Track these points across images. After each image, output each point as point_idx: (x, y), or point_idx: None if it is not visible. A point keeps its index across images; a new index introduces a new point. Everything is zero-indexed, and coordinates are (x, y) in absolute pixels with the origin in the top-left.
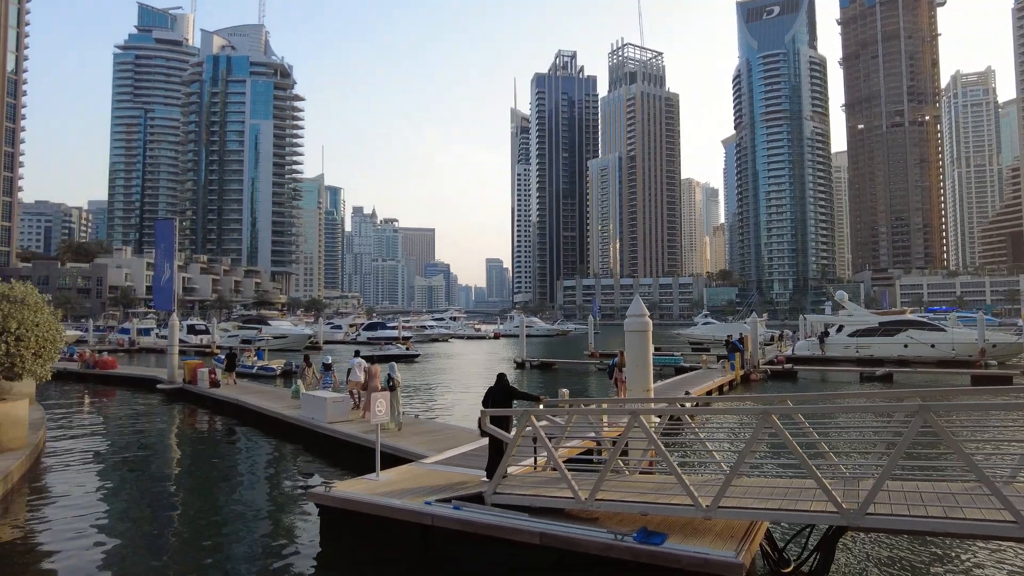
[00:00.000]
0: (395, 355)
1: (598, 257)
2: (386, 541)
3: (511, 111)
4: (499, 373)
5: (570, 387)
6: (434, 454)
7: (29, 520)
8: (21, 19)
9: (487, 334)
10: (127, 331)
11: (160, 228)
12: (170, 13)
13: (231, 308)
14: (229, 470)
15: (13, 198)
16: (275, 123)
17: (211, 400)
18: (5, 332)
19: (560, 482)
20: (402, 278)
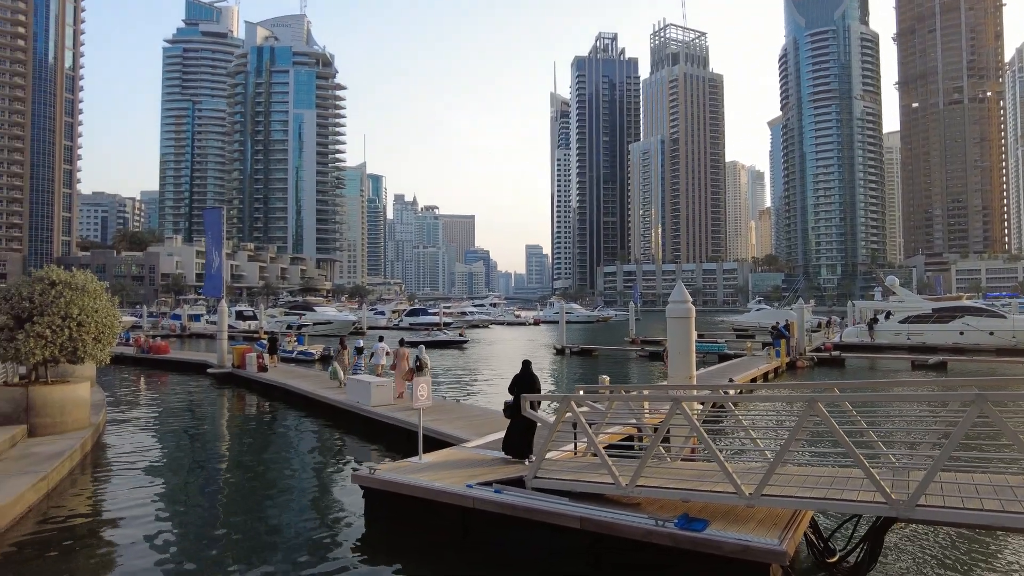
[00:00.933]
0: (445, 340)
1: (639, 242)
2: (428, 523)
3: (551, 95)
4: (524, 360)
5: (611, 374)
6: (475, 438)
7: (93, 494)
8: (77, 17)
9: (527, 320)
10: (178, 317)
11: (208, 217)
12: (216, 6)
13: (278, 295)
14: (277, 451)
15: (73, 190)
16: (318, 112)
17: (259, 384)
18: (68, 318)
19: (600, 468)
20: (443, 265)
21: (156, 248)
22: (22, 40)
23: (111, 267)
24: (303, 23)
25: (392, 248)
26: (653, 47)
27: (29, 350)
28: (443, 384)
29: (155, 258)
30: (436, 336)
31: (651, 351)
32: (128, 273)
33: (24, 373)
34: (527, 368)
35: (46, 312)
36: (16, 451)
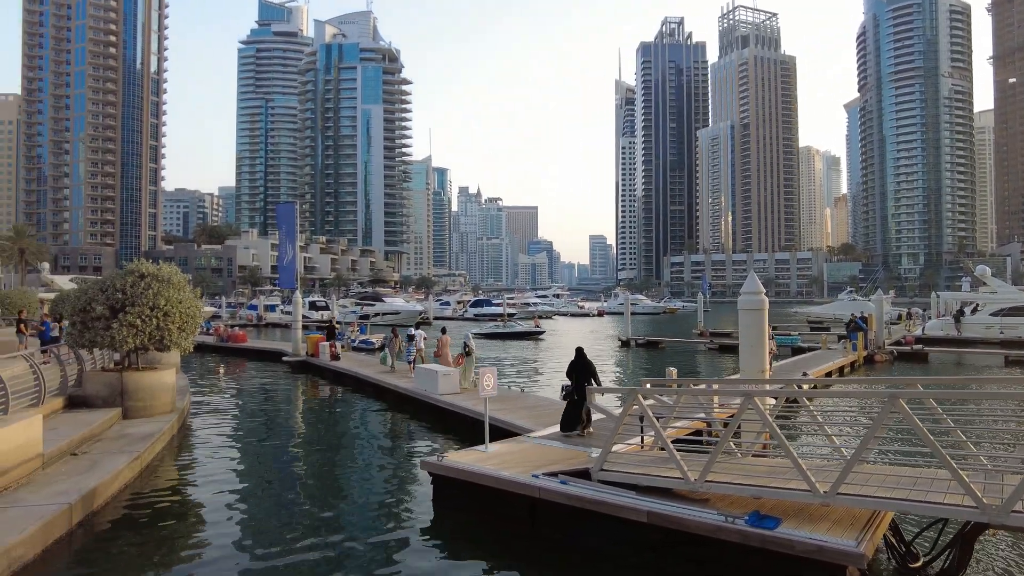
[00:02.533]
0: (522, 332)
1: (708, 231)
2: (494, 511)
3: (615, 83)
4: (578, 348)
5: (678, 366)
6: (540, 428)
7: (180, 473)
8: (161, 24)
9: (591, 311)
10: (255, 307)
11: (282, 211)
12: (286, 6)
13: (348, 286)
14: (348, 436)
15: (158, 187)
16: (384, 107)
17: (331, 372)
18: (156, 308)
19: (668, 462)
20: (506, 256)
21: (233, 241)
22: (113, 48)
23: (192, 260)
24: (369, 19)
25: (456, 240)
26: (721, 30)
27: (122, 338)
28: (508, 374)
29: (232, 251)
30: (512, 327)
31: (720, 344)
32: (208, 265)
33: (118, 360)
34: (581, 354)
35: (137, 303)
36: (112, 432)
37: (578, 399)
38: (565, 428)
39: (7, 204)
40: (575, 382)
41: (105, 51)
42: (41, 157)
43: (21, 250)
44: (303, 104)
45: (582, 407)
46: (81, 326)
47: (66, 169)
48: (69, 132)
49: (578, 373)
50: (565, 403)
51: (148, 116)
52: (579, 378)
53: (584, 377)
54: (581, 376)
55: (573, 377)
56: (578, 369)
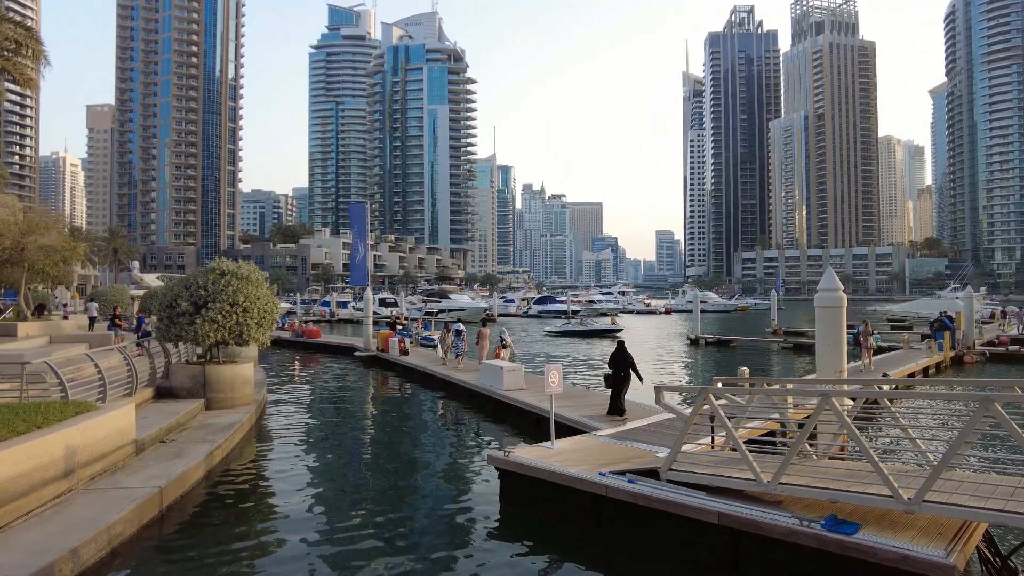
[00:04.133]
0: (599, 330)
1: (781, 226)
2: (560, 508)
3: (682, 75)
4: (619, 340)
5: (750, 366)
6: (606, 427)
7: (259, 462)
8: (238, 32)
9: (658, 309)
10: (328, 304)
11: (354, 211)
12: (354, 10)
13: (416, 283)
14: (416, 428)
15: (236, 188)
16: (450, 107)
17: (400, 366)
18: (236, 305)
19: (739, 463)
20: (570, 253)
21: (307, 240)
22: (195, 58)
23: (268, 258)
24: (435, 20)
25: (520, 237)
26: (794, 17)
27: (205, 333)
28: (576, 371)
29: (306, 249)
30: (590, 325)
31: (795, 342)
32: (283, 263)
33: (200, 353)
34: (621, 346)
35: (218, 299)
36: (196, 421)
37: (619, 386)
38: (612, 413)
39: (103, 207)
40: (615, 372)
41: (187, 61)
42: (131, 163)
43: (115, 250)
44: (371, 106)
45: (623, 394)
46: (167, 321)
47: (153, 173)
48: (156, 138)
49: (618, 364)
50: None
51: (226, 121)
52: (619, 368)
53: (624, 367)
54: (621, 366)
55: (614, 367)
56: (618, 360)
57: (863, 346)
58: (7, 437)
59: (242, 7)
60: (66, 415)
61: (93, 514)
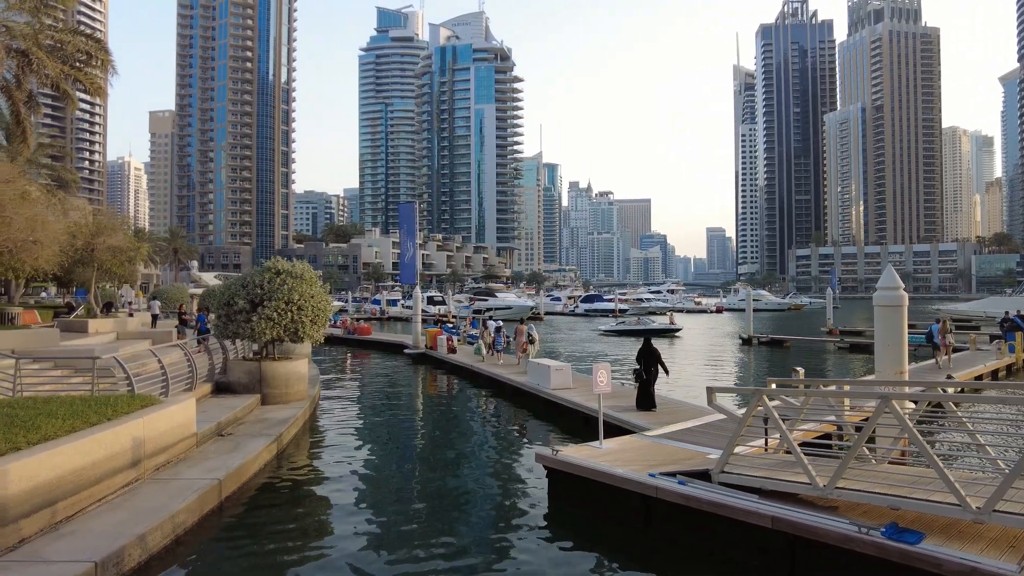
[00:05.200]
0: (656, 329)
1: (837, 222)
2: (609, 508)
3: (733, 68)
4: (646, 337)
5: (805, 366)
6: (655, 427)
7: (312, 456)
8: (291, 37)
9: (708, 308)
10: (378, 302)
11: (403, 210)
12: (403, 12)
13: (463, 281)
14: (465, 426)
15: (289, 190)
16: (496, 106)
17: (448, 364)
18: (290, 303)
19: (793, 466)
20: (617, 251)
21: (358, 240)
22: (249, 63)
23: (320, 257)
24: (481, 20)
25: (567, 235)
26: (851, 5)
27: (261, 330)
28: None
29: (357, 249)
30: (648, 324)
31: (852, 342)
32: (335, 263)
33: (256, 350)
34: (648, 342)
35: (273, 297)
36: (253, 416)
37: (647, 380)
38: (640, 407)
39: (164, 209)
40: (644, 367)
41: (242, 66)
42: (190, 166)
43: (175, 250)
44: (420, 107)
45: (652, 388)
46: (225, 319)
47: (210, 176)
48: (213, 142)
49: (646, 359)
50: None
51: (279, 124)
52: (647, 363)
53: (652, 362)
54: (649, 361)
55: (642, 362)
56: (646, 355)
57: (941, 344)
58: (82, 428)
59: (294, 12)
60: (133, 408)
61: (158, 503)
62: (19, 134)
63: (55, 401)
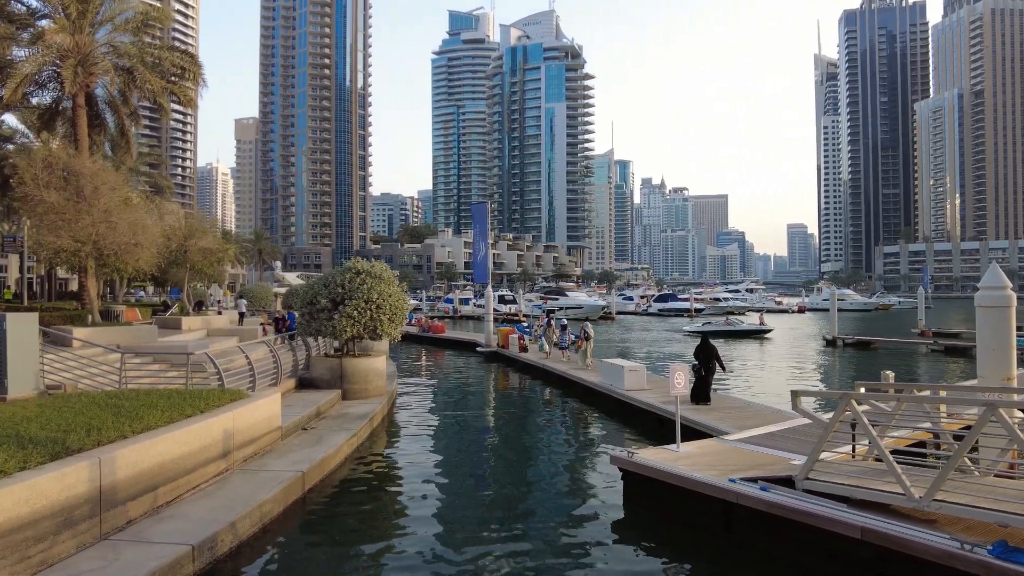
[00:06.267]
0: (747, 330)
1: (929, 217)
2: (687, 513)
3: (814, 57)
4: (703, 334)
5: (894, 369)
6: (735, 431)
7: (390, 450)
8: (366, 43)
9: (789, 307)
10: (451, 301)
11: (476, 210)
12: (474, 15)
13: (533, 280)
14: (537, 425)
15: (366, 192)
16: (567, 104)
17: (520, 363)
18: (370, 302)
19: (885, 475)
20: (692, 248)
21: (431, 240)
22: (327, 70)
23: (396, 257)
24: (552, 18)
25: (639, 233)
26: None
27: (342, 327)
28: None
29: (430, 249)
30: (737, 325)
31: (946, 345)
32: (409, 263)
33: (337, 347)
34: (706, 339)
35: (353, 296)
36: (334, 411)
37: (705, 375)
38: (695, 401)
39: (249, 211)
40: (702, 362)
41: (321, 73)
42: (273, 170)
43: (259, 251)
44: (491, 108)
45: (709, 383)
46: (308, 317)
47: (292, 180)
48: (294, 147)
49: (704, 355)
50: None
51: (356, 128)
52: (705, 359)
53: (709, 358)
54: (707, 358)
55: (700, 358)
56: (704, 352)
57: None
58: (178, 419)
59: (369, 19)
60: (223, 402)
61: (247, 492)
62: (123, 145)
63: (155, 394)
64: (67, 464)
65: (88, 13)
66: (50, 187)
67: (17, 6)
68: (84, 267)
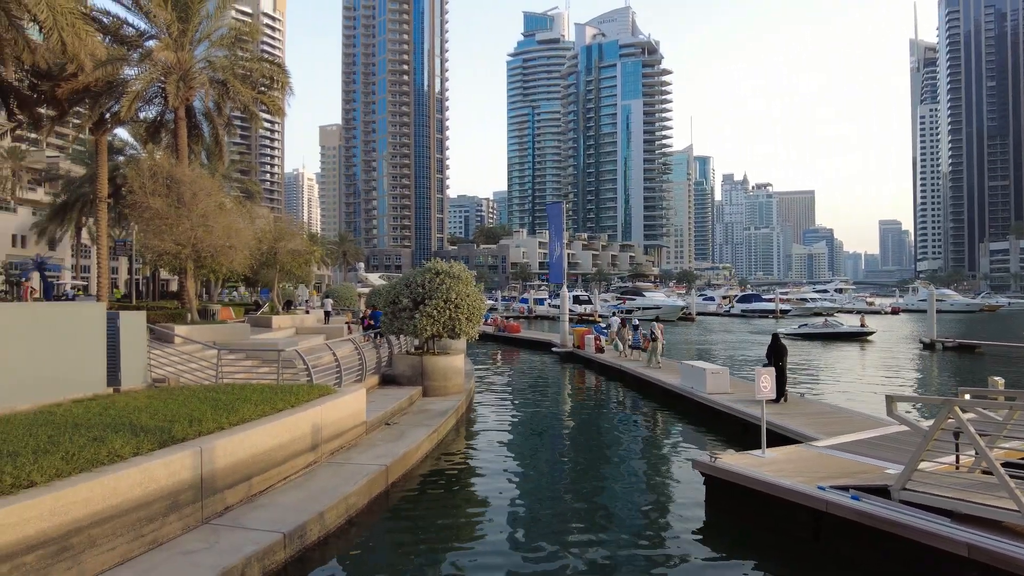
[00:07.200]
0: (846, 332)
1: None
2: (773, 520)
3: (910, 43)
4: (774, 334)
5: (1004, 376)
6: (824, 437)
7: (468, 447)
8: (443, 48)
9: (882, 308)
10: (526, 301)
11: (551, 210)
12: (548, 15)
13: (609, 280)
14: (614, 426)
15: (444, 195)
16: (644, 100)
17: (596, 364)
18: (449, 301)
19: (993, 488)
20: (777, 247)
21: (506, 241)
22: (406, 76)
23: (472, 258)
24: (628, 15)
25: (720, 231)
26: None
27: (423, 326)
28: (791, 377)
29: (505, 249)
30: (836, 327)
31: None
32: (485, 263)
33: (418, 345)
34: (777, 339)
35: (433, 296)
36: (415, 407)
37: (778, 375)
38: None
39: (333, 215)
40: (773, 362)
41: (399, 79)
42: (355, 175)
43: (344, 252)
44: (565, 107)
45: (783, 382)
46: (391, 316)
47: (374, 183)
48: (375, 152)
49: (775, 354)
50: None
51: (434, 132)
52: (776, 358)
53: (780, 357)
54: (778, 357)
55: (772, 357)
56: (775, 351)
57: None
58: (271, 413)
59: (445, 24)
60: (312, 397)
61: (333, 485)
62: (217, 153)
63: (248, 388)
64: (173, 452)
65: (188, 32)
66: (155, 194)
67: (129, 29)
68: (184, 268)
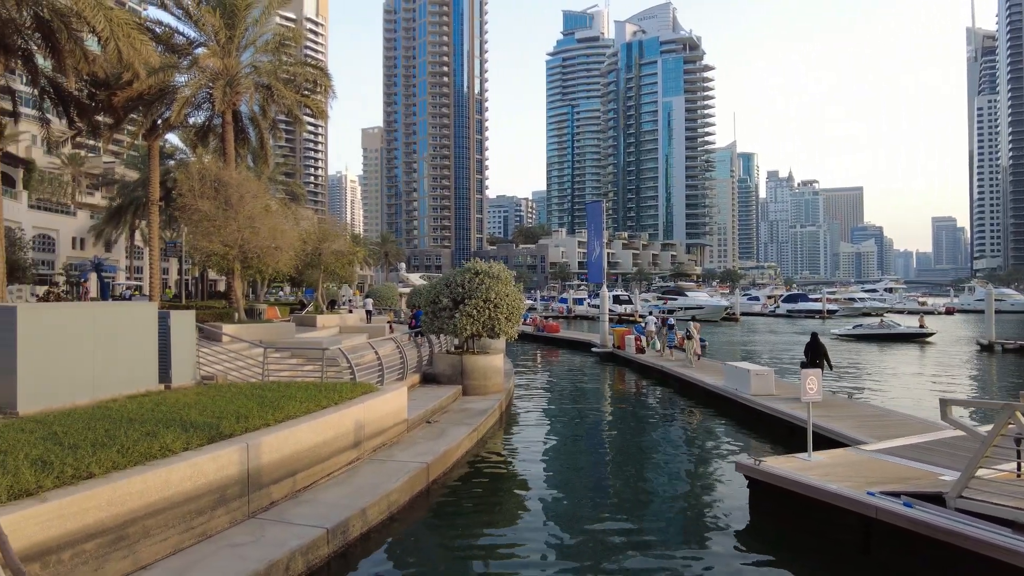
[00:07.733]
0: (904, 333)
1: None
2: (819, 525)
3: (966, 31)
4: (812, 332)
5: None
6: (873, 441)
7: (508, 446)
8: (482, 49)
9: (936, 309)
10: (565, 300)
11: (591, 210)
12: (588, 13)
13: (650, 280)
14: (655, 427)
15: (483, 195)
16: (686, 97)
17: (637, 364)
18: (488, 301)
19: None
20: (824, 245)
21: (545, 240)
22: (446, 78)
23: (511, 258)
24: (668, 11)
25: (765, 229)
26: None
27: (463, 326)
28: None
29: (544, 249)
30: (893, 328)
31: None
32: (524, 263)
33: (458, 344)
34: (816, 337)
35: (473, 296)
36: (455, 406)
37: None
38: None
39: (375, 216)
40: (811, 360)
41: (440, 80)
42: (396, 176)
43: (386, 253)
44: (605, 105)
45: None
46: (431, 315)
47: (414, 185)
48: (415, 154)
49: (813, 353)
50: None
51: (473, 133)
52: (814, 357)
53: (817, 356)
54: (816, 355)
55: (809, 355)
56: (813, 349)
57: None
58: (315, 410)
59: (485, 25)
60: (355, 394)
61: (375, 481)
62: (262, 156)
63: (294, 386)
64: (221, 447)
65: (235, 38)
66: (203, 197)
67: (179, 38)
68: (231, 269)
